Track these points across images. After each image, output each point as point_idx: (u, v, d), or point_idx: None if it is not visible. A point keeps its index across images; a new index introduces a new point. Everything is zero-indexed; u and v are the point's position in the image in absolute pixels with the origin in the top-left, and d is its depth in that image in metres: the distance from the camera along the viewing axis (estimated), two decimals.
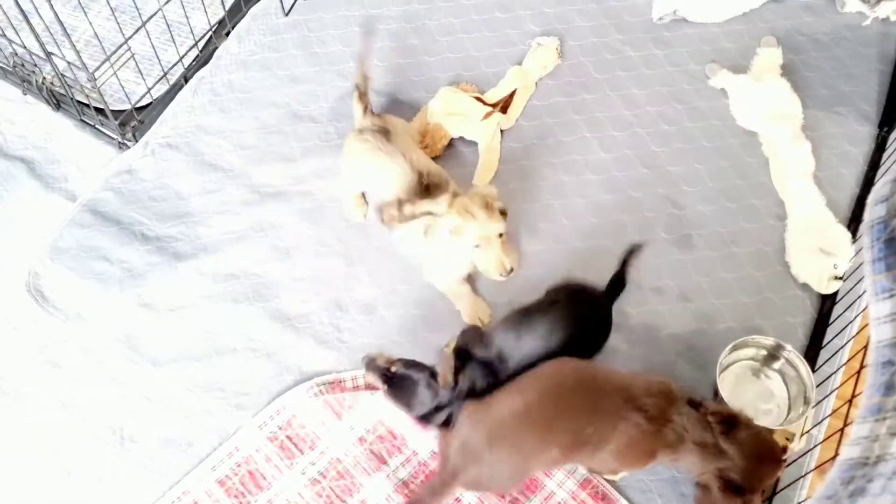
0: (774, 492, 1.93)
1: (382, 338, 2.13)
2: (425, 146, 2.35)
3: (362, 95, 2.22)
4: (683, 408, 1.68)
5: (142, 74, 2.43)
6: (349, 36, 2.61)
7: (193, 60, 2.55)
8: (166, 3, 2.29)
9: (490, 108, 2.38)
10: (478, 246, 1.91)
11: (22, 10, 1.97)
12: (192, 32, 2.53)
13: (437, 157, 2.37)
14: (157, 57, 2.44)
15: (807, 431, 1.93)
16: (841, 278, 2.15)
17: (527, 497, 1.92)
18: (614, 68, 2.56)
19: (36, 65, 2.41)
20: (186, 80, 2.51)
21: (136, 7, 2.29)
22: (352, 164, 2.19)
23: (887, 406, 1.14)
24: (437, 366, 1.83)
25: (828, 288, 2.15)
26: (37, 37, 2.06)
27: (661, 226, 2.29)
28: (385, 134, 2.12)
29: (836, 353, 2.04)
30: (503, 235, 1.93)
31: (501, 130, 2.41)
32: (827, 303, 2.16)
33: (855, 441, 1.14)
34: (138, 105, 2.43)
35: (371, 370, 1.84)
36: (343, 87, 2.52)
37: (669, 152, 2.41)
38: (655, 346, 2.12)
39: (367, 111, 2.21)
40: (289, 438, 1.99)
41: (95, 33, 2.35)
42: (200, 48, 2.57)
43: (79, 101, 2.39)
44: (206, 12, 2.57)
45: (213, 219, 2.30)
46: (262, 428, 2.00)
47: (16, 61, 2.43)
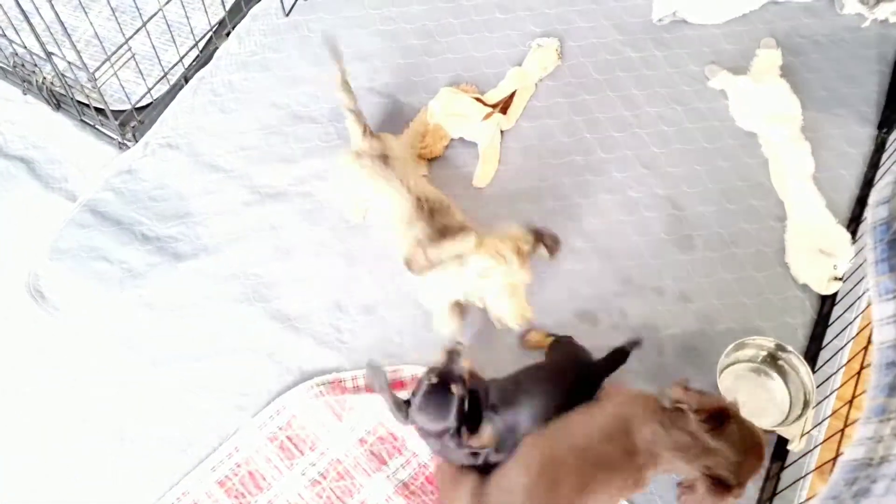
0: (774, 492, 1.93)
1: (383, 339, 2.13)
2: (425, 147, 2.35)
3: (359, 116, 2.14)
4: (651, 426, 1.63)
5: (142, 75, 2.42)
6: (350, 36, 2.61)
7: (194, 61, 2.55)
8: (167, 3, 2.28)
9: (490, 109, 2.38)
10: (501, 295, 1.83)
11: (22, 10, 1.97)
12: (192, 33, 2.53)
13: (436, 157, 2.38)
14: (158, 57, 2.43)
15: (807, 432, 1.94)
16: (841, 279, 2.16)
17: None
18: (614, 69, 2.56)
19: (36, 65, 2.41)
20: (187, 81, 2.51)
21: (136, 7, 2.29)
22: (350, 185, 2.15)
23: (891, 407, 1.15)
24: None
25: (828, 289, 2.16)
26: (37, 37, 2.06)
27: (661, 226, 2.30)
28: (383, 160, 2.07)
29: (835, 353, 2.04)
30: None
31: (501, 131, 2.41)
32: (827, 304, 2.17)
33: (859, 442, 1.14)
34: (138, 105, 2.42)
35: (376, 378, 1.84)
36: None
37: (669, 153, 2.41)
38: (655, 346, 2.12)
39: (367, 132, 2.13)
40: (289, 439, 1.99)
41: (96, 33, 2.34)
42: (201, 48, 2.56)
43: (79, 102, 2.38)
44: (206, 12, 2.56)
45: (213, 219, 2.29)
46: (262, 428, 2.00)
47: (16, 61, 2.42)
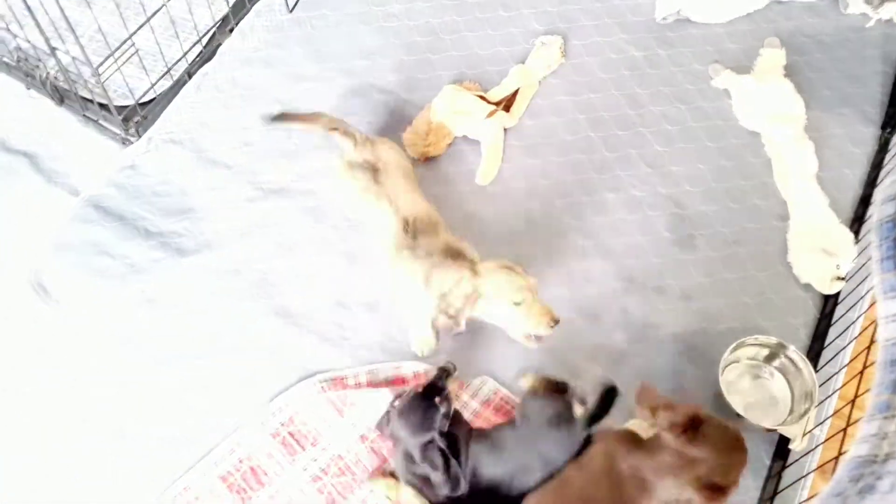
0: (776, 491, 1.93)
1: (385, 336, 2.13)
2: (428, 145, 2.35)
3: (345, 131, 2.12)
4: (633, 456, 1.66)
5: (145, 70, 2.42)
6: (353, 33, 2.61)
7: (197, 56, 2.55)
8: None
9: (493, 107, 2.38)
10: (518, 304, 1.80)
11: (27, 5, 1.97)
12: (195, 28, 2.53)
13: (439, 156, 2.38)
14: (161, 53, 2.43)
15: (809, 431, 1.94)
16: (843, 279, 2.16)
17: None
18: (618, 67, 2.56)
19: (40, 59, 2.41)
20: (190, 77, 2.51)
21: (140, 2, 2.29)
22: (345, 190, 2.13)
23: None
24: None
25: (830, 288, 2.16)
26: (41, 31, 2.06)
27: (663, 225, 2.29)
28: (374, 172, 2.04)
29: (838, 353, 2.04)
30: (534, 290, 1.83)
31: (504, 129, 2.41)
32: (829, 303, 2.17)
33: (863, 439, 1.14)
34: (142, 101, 2.43)
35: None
36: (347, 84, 2.52)
37: (672, 152, 2.41)
38: (657, 345, 2.12)
39: (357, 142, 2.10)
40: (291, 435, 1.99)
41: (100, 28, 2.34)
42: (204, 44, 2.57)
43: (82, 97, 2.38)
44: (209, 8, 2.57)
45: (216, 215, 2.29)
46: (264, 424, 2.00)
47: (20, 56, 2.42)
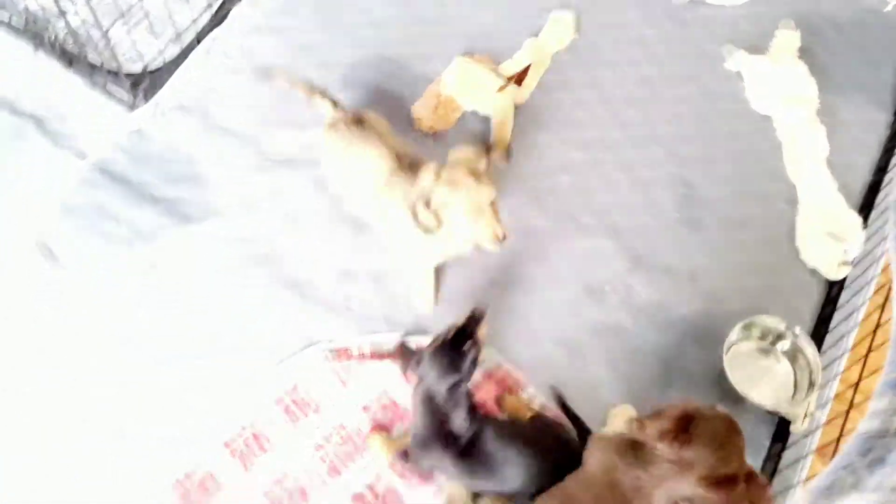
0: (775, 471, 1.94)
1: (390, 307, 2.13)
2: (437, 118, 2.33)
3: (324, 93, 2.13)
4: (632, 472, 1.60)
5: (154, 35, 2.40)
6: (364, 3, 2.58)
7: (207, 22, 2.52)
8: None
9: (505, 81, 2.36)
10: (472, 217, 1.81)
11: None
12: None
13: (447, 129, 2.36)
14: (171, 18, 2.41)
15: (810, 414, 1.94)
16: (850, 264, 2.15)
17: None
18: (630, 46, 2.54)
19: (49, 21, 2.39)
20: (199, 42, 2.48)
21: None
22: (332, 161, 2.11)
23: None
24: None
25: (837, 273, 2.16)
26: None
27: (671, 205, 2.29)
28: (359, 122, 2.04)
29: (841, 337, 2.04)
30: (494, 203, 1.83)
31: (515, 104, 2.40)
32: (835, 288, 2.17)
33: (874, 415, 1.15)
34: (150, 67, 2.41)
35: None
36: (356, 54, 2.50)
37: (683, 133, 2.40)
38: (662, 324, 2.12)
39: (337, 106, 2.12)
40: (294, 403, 1.99)
41: None
42: (214, 10, 2.54)
43: (90, 61, 2.36)
44: None
45: (222, 182, 2.28)
46: (268, 391, 2.00)
47: (28, 17, 2.40)
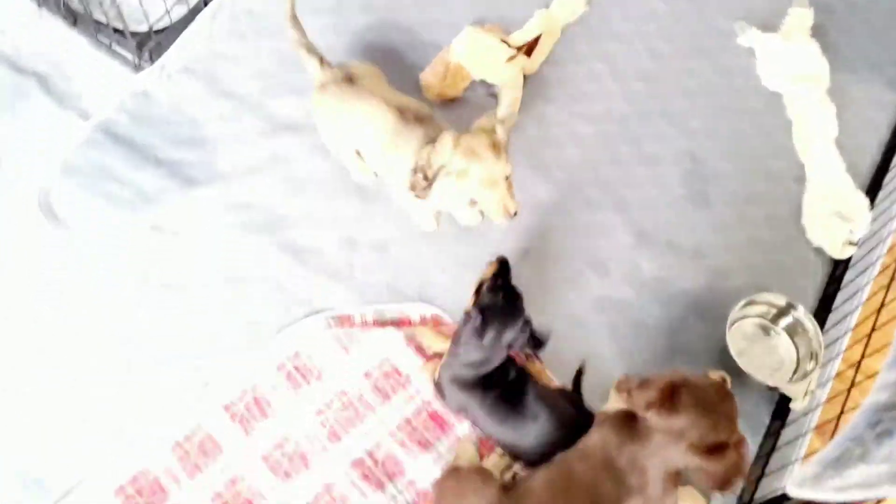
0: (773, 448, 1.95)
1: (394, 276, 2.13)
2: (445, 87, 2.32)
3: (311, 49, 2.07)
4: (627, 448, 1.60)
5: None
6: None
7: None
8: None
9: (515, 51, 2.34)
10: (483, 190, 1.82)
11: None
12: None
13: (455, 98, 2.34)
14: None
15: (811, 391, 1.95)
16: (855, 244, 2.15)
17: None
18: (642, 19, 2.51)
19: None
20: (206, 4, 2.45)
21: None
22: (325, 124, 2.09)
23: None
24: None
25: (842, 253, 2.15)
26: None
27: (678, 181, 2.28)
28: (349, 80, 2.00)
29: (844, 317, 2.04)
30: (509, 178, 1.84)
31: (524, 75, 2.38)
32: (839, 267, 2.16)
33: (883, 387, 1.15)
34: (156, 27, 2.38)
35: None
36: (364, 21, 2.47)
37: (692, 108, 2.38)
38: (666, 300, 2.12)
39: (324, 63, 2.06)
40: (296, 368, 1.99)
41: None
42: None
43: (96, 20, 2.33)
44: None
45: (227, 146, 2.27)
46: (269, 357, 2.00)
47: None
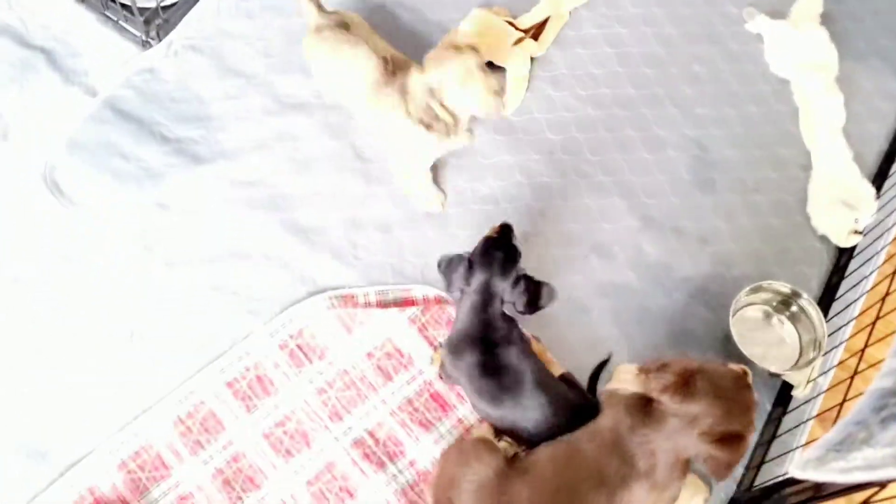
0: (774, 436, 1.95)
1: (397, 257, 2.13)
2: None
3: None
4: (639, 431, 1.57)
5: None
6: None
7: None
8: None
9: (522, 34, 2.33)
10: (465, 85, 1.83)
11: None
12: None
13: None
14: None
15: (813, 379, 1.95)
16: (861, 233, 2.14)
17: None
18: (650, 3, 2.49)
19: None
20: None
21: None
22: (318, 65, 2.13)
23: None
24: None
25: (847, 241, 2.15)
26: None
27: (684, 166, 2.27)
28: (344, 27, 2.05)
29: (848, 305, 2.04)
30: (483, 66, 1.83)
31: (532, 58, 2.37)
32: (844, 256, 2.16)
33: (889, 372, 1.14)
34: (164, 4, 2.37)
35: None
36: (373, 1, 2.46)
37: (699, 93, 2.37)
38: (670, 285, 2.12)
39: (321, 8, 2.10)
40: (299, 347, 2.00)
41: None
42: None
43: None
44: None
45: (233, 124, 2.26)
46: (273, 335, 2.01)
47: None
